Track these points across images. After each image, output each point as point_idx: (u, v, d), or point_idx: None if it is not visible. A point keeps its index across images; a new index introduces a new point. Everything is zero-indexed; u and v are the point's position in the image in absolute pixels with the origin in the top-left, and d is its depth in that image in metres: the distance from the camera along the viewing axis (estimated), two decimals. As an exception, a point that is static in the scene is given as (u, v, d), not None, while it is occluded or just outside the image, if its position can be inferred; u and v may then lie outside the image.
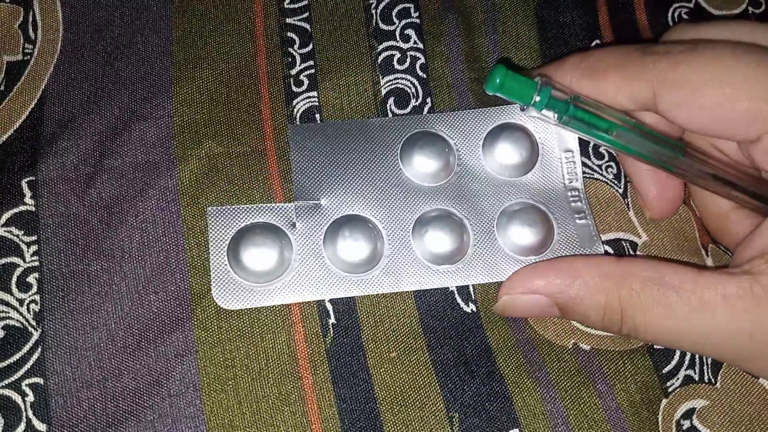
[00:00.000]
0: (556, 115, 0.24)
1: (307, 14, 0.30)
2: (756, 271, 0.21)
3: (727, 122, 0.22)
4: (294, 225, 0.26)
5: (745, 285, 0.21)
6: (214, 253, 0.25)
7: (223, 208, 0.26)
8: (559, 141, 0.28)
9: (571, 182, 0.27)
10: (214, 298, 0.25)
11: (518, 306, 0.24)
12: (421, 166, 0.27)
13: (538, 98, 0.23)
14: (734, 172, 0.24)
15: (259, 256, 0.25)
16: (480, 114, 0.28)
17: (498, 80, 0.23)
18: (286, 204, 0.26)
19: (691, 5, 0.31)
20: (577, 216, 0.27)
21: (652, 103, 0.23)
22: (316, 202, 0.26)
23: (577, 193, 0.27)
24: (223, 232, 0.26)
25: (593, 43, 0.30)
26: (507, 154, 0.27)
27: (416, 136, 0.27)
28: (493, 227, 0.26)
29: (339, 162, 0.27)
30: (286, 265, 0.25)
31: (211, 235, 0.25)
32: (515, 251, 0.26)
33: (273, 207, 0.26)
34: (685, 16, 0.31)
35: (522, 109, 0.24)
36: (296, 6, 0.30)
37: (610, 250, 0.27)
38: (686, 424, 0.24)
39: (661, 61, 0.23)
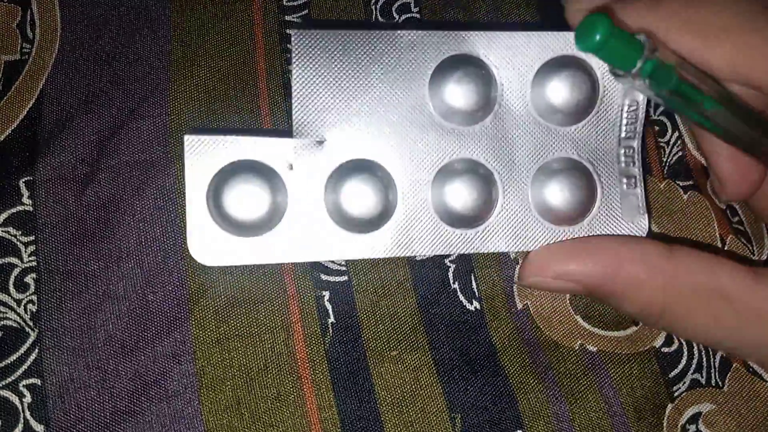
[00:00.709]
0: (650, 85, 0.19)
1: (306, 11, 0.29)
2: None
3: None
4: (291, 166, 0.22)
5: None
6: (192, 195, 0.21)
7: (205, 138, 0.21)
8: (624, 88, 0.23)
9: (628, 139, 0.23)
10: (191, 252, 0.21)
11: (547, 288, 0.22)
12: (455, 101, 0.22)
13: (641, 66, 0.19)
14: None
15: (245, 202, 0.21)
16: (537, 39, 0.23)
17: (599, 36, 0.18)
18: (283, 139, 0.22)
19: None
20: (626, 181, 0.23)
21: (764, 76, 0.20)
22: (320, 139, 0.22)
23: (631, 153, 0.23)
24: (203, 168, 0.21)
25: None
26: (561, 95, 0.23)
27: (452, 61, 0.22)
28: (527, 185, 0.23)
29: (351, 87, 0.22)
30: (278, 216, 0.22)
31: (188, 171, 0.21)
32: (549, 218, 0.23)
33: (267, 141, 0.22)
34: None
35: (615, 74, 0.20)
36: (296, 3, 0.29)
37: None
38: (692, 428, 0.24)
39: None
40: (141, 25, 0.29)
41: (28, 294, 0.24)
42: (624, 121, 0.23)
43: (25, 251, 0.25)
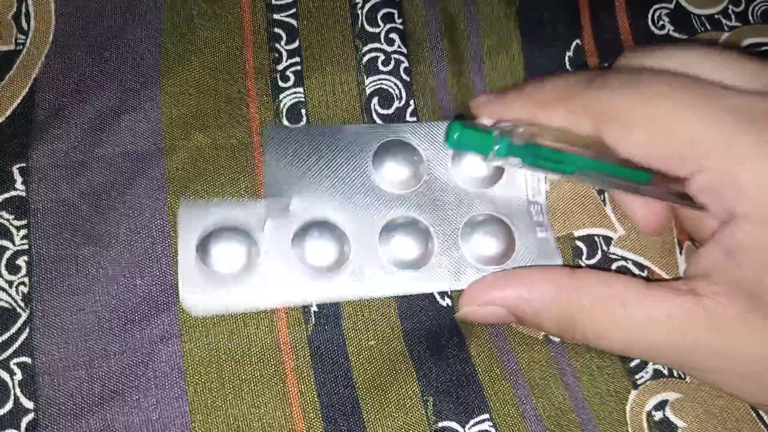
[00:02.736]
0: (514, 162, 0.24)
1: (294, 10, 0.30)
2: (700, 292, 0.22)
3: (661, 159, 0.22)
4: (263, 227, 0.26)
5: (688, 305, 0.22)
6: (183, 252, 0.25)
7: (193, 205, 0.26)
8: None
9: (534, 197, 0.28)
10: (181, 301, 0.25)
11: (478, 316, 0.25)
12: (392, 173, 0.28)
13: (497, 148, 0.24)
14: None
15: (225, 257, 0.25)
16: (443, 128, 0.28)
17: (455, 136, 0.24)
18: (257, 201, 0.26)
19: (672, 6, 0.32)
20: (538, 229, 0.28)
21: (598, 136, 0.23)
22: (287, 200, 0.26)
23: (539, 207, 0.28)
24: (191, 231, 0.25)
25: (573, 43, 0.31)
26: (474, 167, 0.28)
27: (388, 144, 0.28)
28: (457, 236, 0.27)
29: (311, 165, 0.27)
30: (253, 268, 0.25)
31: (180, 233, 0.25)
32: (477, 260, 0.27)
33: (244, 204, 0.26)
34: (665, 18, 0.32)
35: (484, 159, 0.25)
36: (283, 2, 0.30)
37: (583, 247, 0.28)
38: (658, 415, 0.25)
39: (602, 95, 0.23)
40: (134, 17, 0.30)
41: (19, 276, 0.25)
42: (529, 184, 0.28)
43: (18, 235, 0.26)
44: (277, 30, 0.30)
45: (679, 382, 0.26)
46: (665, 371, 0.26)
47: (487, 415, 0.25)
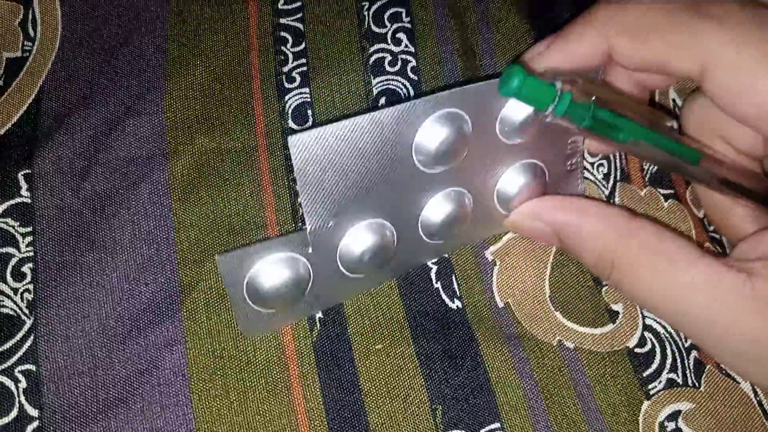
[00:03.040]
0: (568, 121, 0.22)
1: (300, 15, 0.30)
2: (754, 272, 0.21)
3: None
4: (307, 246, 0.24)
5: (739, 282, 0.21)
6: (234, 298, 0.23)
7: (232, 254, 0.23)
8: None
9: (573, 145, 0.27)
10: (241, 330, 0.25)
11: (524, 228, 0.25)
12: (436, 155, 0.24)
13: (557, 104, 0.21)
14: (745, 178, 0.24)
15: (276, 291, 0.24)
16: (492, 86, 0.23)
17: (515, 84, 0.21)
18: (296, 234, 0.23)
19: None
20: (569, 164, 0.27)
21: (697, 77, 0.21)
22: (326, 216, 0.23)
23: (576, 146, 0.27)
24: (237, 276, 0.23)
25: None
26: (517, 124, 0.24)
27: (430, 122, 0.23)
28: (493, 193, 0.26)
29: (346, 166, 0.23)
30: (304, 288, 0.24)
31: (226, 282, 0.23)
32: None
33: (283, 240, 0.23)
34: None
35: (536, 113, 0.22)
36: (290, 7, 0.30)
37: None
38: (671, 426, 0.25)
39: (717, 33, 0.20)
40: (139, 24, 0.30)
41: (24, 283, 0.25)
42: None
43: (23, 242, 0.26)
44: (283, 33, 0.30)
45: (692, 391, 0.25)
46: (679, 380, 0.25)
47: (498, 424, 0.24)
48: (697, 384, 0.25)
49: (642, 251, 0.22)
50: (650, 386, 0.25)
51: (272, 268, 0.23)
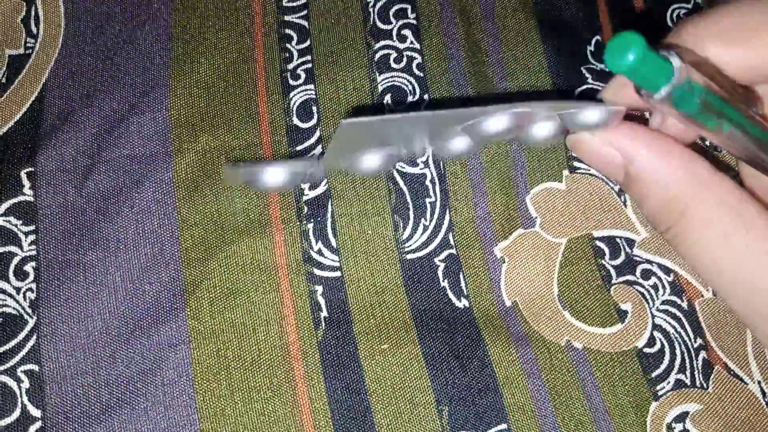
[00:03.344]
0: (672, 106, 0.19)
1: (305, 12, 0.30)
2: None
3: None
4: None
5: None
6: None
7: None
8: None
9: None
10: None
11: (594, 150, 0.22)
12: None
13: (674, 87, 0.18)
14: None
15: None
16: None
17: (632, 59, 0.17)
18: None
19: (690, 6, 0.31)
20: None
21: None
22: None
23: None
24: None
25: (594, 39, 0.30)
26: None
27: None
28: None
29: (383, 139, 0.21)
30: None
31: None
32: None
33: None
34: (684, 17, 0.31)
35: (639, 92, 0.19)
36: (295, 4, 0.30)
37: (605, 248, 0.27)
38: (678, 427, 0.24)
39: None
40: (143, 21, 0.29)
41: (27, 282, 0.25)
42: None
43: (26, 240, 0.26)
44: (288, 31, 0.29)
45: (700, 392, 0.25)
46: (687, 381, 0.25)
47: (505, 425, 0.24)
48: (705, 385, 0.25)
49: (720, 209, 0.20)
50: (658, 387, 0.25)
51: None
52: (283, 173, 0.20)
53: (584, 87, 0.29)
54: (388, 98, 0.28)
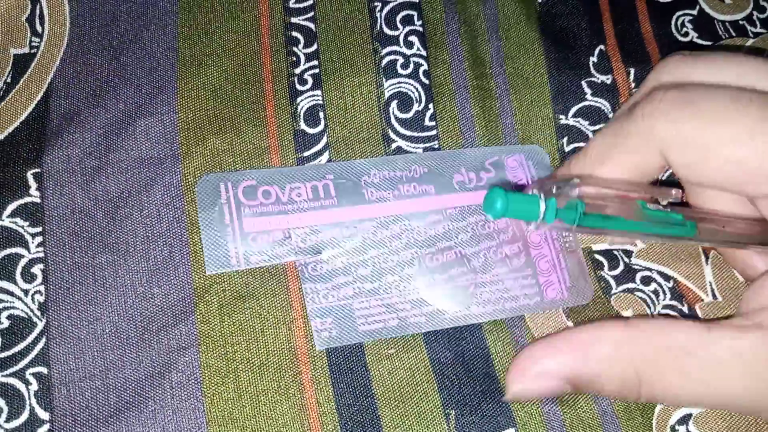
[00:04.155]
0: (561, 224, 0.23)
1: (312, 14, 0.30)
2: (764, 326, 0.21)
3: (737, 180, 0.22)
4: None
5: (757, 340, 0.21)
6: None
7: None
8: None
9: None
10: None
11: (531, 393, 0.23)
12: None
13: (544, 214, 0.22)
14: (744, 229, 0.24)
15: None
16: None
17: (499, 206, 0.22)
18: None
19: (695, 12, 0.31)
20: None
21: (663, 163, 0.23)
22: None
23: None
24: None
25: (597, 49, 0.31)
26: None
27: None
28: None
29: None
30: None
31: None
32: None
33: None
34: (689, 24, 0.31)
35: (528, 225, 0.23)
36: (301, 6, 0.30)
37: (603, 260, 0.27)
38: (681, 429, 0.25)
39: (659, 121, 0.22)
40: (149, 21, 0.29)
41: (35, 284, 0.25)
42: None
43: (33, 242, 0.25)
44: (295, 33, 0.29)
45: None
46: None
47: (513, 430, 0.24)
48: None
49: (658, 354, 0.21)
50: None
51: None
52: None
53: (581, 104, 0.30)
54: (394, 105, 0.29)
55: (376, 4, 0.30)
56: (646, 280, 0.27)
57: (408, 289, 0.26)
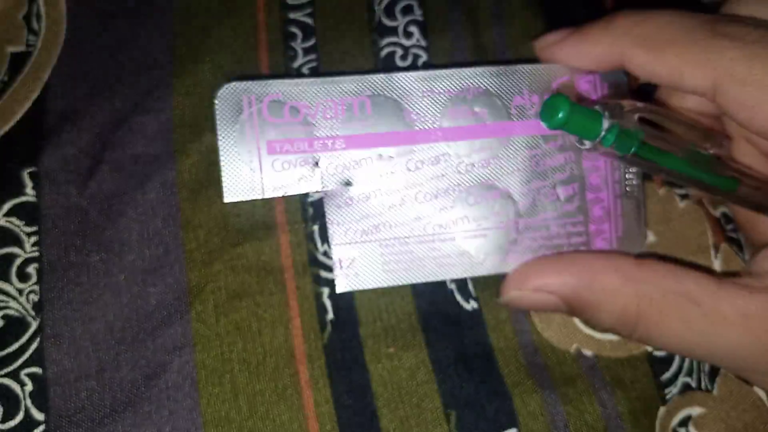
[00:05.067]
0: (614, 150, 0.21)
1: (310, 10, 0.30)
2: None
3: None
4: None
5: (765, 304, 0.20)
6: None
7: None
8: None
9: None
10: None
11: (525, 303, 0.23)
12: None
13: (605, 135, 0.21)
14: None
15: None
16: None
17: (561, 114, 0.20)
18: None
19: None
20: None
21: (710, 92, 0.21)
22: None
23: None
24: None
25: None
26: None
27: None
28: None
29: None
30: None
31: None
32: None
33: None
34: None
35: (579, 143, 0.22)
36: (300, 2, 0.30)
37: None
38: (682, 431, 0.24)
39: (730, 49, 0.20)
40: (145, 19, 0.29)
41: (30, 284, 0.25)
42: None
43: (28, 241, 0.25)
44: (292, 29, 0.29)
45: (704, 396, 0.25)
46: (693, 384, 0.25)
47: (515, 429, 0.24)
48: (710, 387, 0.25)
49: (665, 298, 0.21)
50: (666, 390, 0.25)
51: None
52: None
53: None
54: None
55: (375, -5, 0.30)
56: None
57: (443, 232, 0.23)
